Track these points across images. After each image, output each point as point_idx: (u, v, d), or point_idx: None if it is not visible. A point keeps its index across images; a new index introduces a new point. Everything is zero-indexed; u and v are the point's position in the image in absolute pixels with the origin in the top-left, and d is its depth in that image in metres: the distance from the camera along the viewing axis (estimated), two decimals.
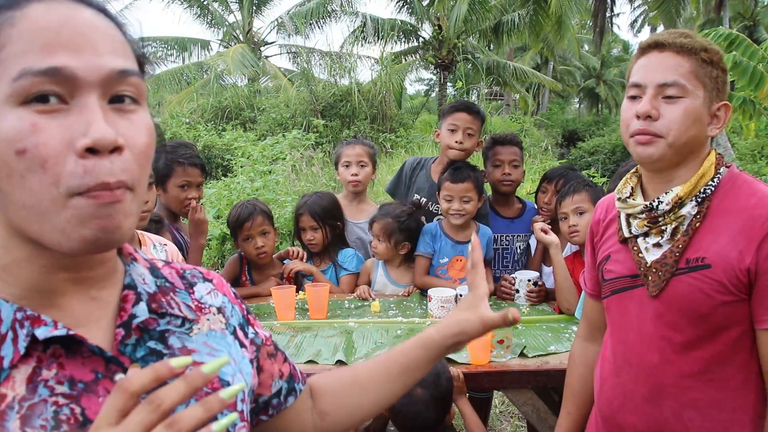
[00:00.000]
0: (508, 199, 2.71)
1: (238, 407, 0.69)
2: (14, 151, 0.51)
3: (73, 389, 0.56)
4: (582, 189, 2.21)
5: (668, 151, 1.13)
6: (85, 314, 0.61)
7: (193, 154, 2.32)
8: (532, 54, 24.36)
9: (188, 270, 0.76)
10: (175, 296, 0.69)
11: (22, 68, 0.51)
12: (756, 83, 4.91)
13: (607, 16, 16.68)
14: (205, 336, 0.70)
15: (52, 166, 0.51)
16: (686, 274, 1.13)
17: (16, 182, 0.52)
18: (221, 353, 0.70)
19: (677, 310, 1.15)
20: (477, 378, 1.73)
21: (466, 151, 2.61)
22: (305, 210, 2.57)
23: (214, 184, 6.85)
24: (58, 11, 0.54)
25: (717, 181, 1.15)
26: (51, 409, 0.54)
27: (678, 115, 1.11)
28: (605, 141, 15.37)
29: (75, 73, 0.53)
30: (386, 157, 9.65)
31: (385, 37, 14.72)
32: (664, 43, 1.14)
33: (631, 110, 1.17)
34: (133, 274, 0.66)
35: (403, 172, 2.86)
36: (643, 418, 1.21)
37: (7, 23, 0.52)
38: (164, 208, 2.35)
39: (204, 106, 12.59)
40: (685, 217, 1.15)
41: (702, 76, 1.13)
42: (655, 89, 1.13)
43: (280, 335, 2.03)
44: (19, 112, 0.51)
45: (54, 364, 0.56)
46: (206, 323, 0.71)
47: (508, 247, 2.66)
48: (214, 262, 4.99)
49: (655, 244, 1.19)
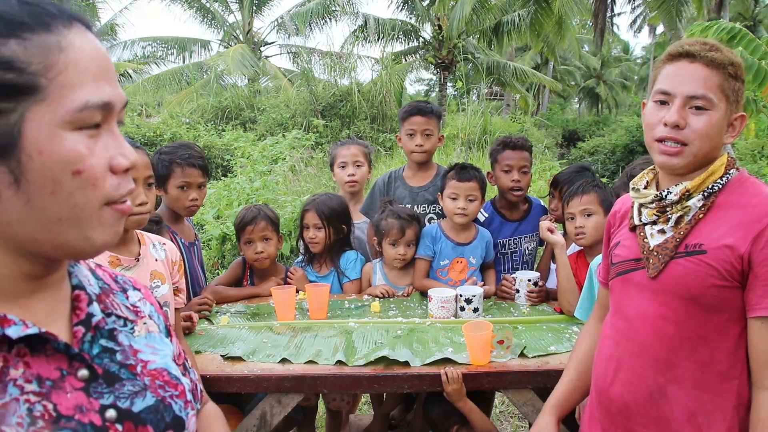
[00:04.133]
0: (512, 201, 2.68)
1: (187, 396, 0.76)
2: (71, 172, 0.57)
3: (41, 387, 0.59)
4: (591, 190, 2.18)
5: (691, 160, 1.21)
6: (45, 314, 0.63)
7: (192, 154, 2.30)
8: (532, 54, 24.36)
9: (119, 276, 0.80)
10: (115, 298, 0.74)
11: (86, 101, 0.57)
12: (760, 81, 4.88)
13: (607, 16, 16.68)
14: (145, 338, 0.74)
15: (100, 183, 0.59)
16: (683, 258, 1.22)
17: (60, 198, 0.57)
18: (164, 353, 0.75)
19: (672, 290, 1.23)
20: (477, 378, 1.73)
21: (428, 152, 2.73)
22: (312, 207, 2.56)
23: (213, 185, 6.85)
24: (91, 42, 0.60)
25: (725, 180, 1.23)
26: (24, 407, 0.57)
27: (703, 126, 1.19)
28: (605, 141, 15.37)
29: (114, 105, 0.61)
30: (386, 158, 9.65)
31: (386, 37, 14.72)
32: (695, 54, 1.19)
33: (657, 115, 1.23)
34: (79, 276, 0.70)
35: (376, 190, 2.86)
36: (630, 389, 1.28)
37: (56, 48, 0.57)
38: (167, 209, 2.35)
39: (204, 106, 12.60)
40: (690, 208, 1.23)
41: (726, 89, 1.19)
42: (683, 100, 1.19)
43: (280, 335, 2.03)
44: (76, 136, 0.57)
45: (20, 363, 0.58)
46: (143, 326, 0.75)
47: (516, 250, 2.65)
48: (214, 262, 4.98)
49: (660, 230, 1.27)
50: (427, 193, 2.75)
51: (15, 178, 0.55)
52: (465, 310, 2.19)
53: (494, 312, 2.27)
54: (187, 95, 14.12)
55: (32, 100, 0.55)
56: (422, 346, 1.89)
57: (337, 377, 1.73)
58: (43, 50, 0.56)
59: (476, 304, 2.18)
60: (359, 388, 1.86)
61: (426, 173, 2.79)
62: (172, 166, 2.25)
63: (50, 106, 0.56)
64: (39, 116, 0.55)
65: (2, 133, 0.54)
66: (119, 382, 0.66)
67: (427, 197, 2.74)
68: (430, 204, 2.74)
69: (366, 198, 2.90)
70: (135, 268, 1.68)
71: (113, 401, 0.64)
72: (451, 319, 2.17)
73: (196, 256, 2.45)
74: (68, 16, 0.59)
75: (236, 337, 2.01)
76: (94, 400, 0.63)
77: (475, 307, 2.18)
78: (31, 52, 0.55)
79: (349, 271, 2.61)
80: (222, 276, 2.65)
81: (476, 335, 1.74)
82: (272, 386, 1.74)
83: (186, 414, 0.73)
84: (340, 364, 1.77)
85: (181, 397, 0.73)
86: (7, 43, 0.54)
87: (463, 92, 13.21)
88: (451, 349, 1.84)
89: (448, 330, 2.05)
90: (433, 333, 2.02)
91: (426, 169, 2.80)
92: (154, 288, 1.72)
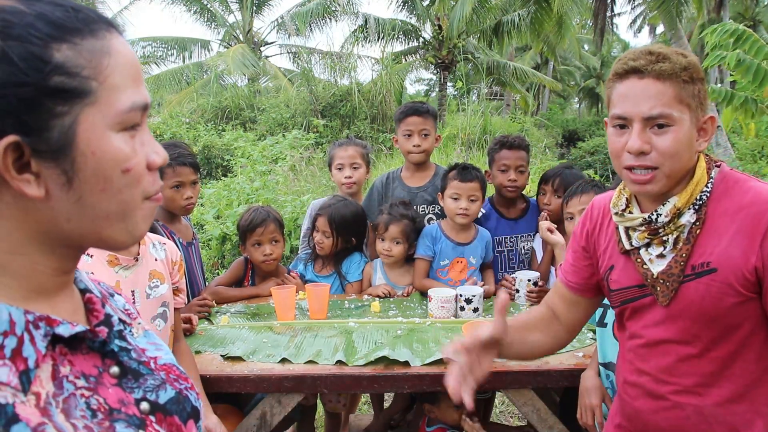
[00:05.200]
0: (510, 199, 2.69)
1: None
2: (121, 170, 0.60)
3: (88, 383, 0.61)
4: (590, 189, 2.19)
5: (666, 182, 1.14)
6: (69, 314, 0.65)
7: (182, 153, 2.29)
8: (532, 54, 24.36)
9: (102, 282, 0.82)
10: (111, 302, 0.75)
11: (132, 102, 0.61)
12: (759, 81, 4.89)
13: (607, 16, 16.66)
14: (144, 337, 0.77)
15: (142, 179, 0.63)
16: (694, 281, 1.14)
17: (110, 195, 0.60)
18: (166, 348, 0.78)
19: (689, 316, 1.16)
20: None
21: (426, 152, 2.74)
22: (324, 213, 2.55)
23: (213, 185, 6.85)
24: (127, 46, 0.63)
25: (711, 186, 1.16)
26: (82, 401, 0.59)
27: (670, 145, 1.10)
28: (605, 141, 15.34)
29: (149, 105, 0.64)
30: (386, 158, 9.65)
31: (386, 37, 14.71)
32: (642, 70, 1.10)
33: (619, 141, 1.15)
34: (84, 280, 0.72)
35: (374, 192, 2.86)
36: (666, 417, 1.23)
37: (103, 52, 0.59)
38: (162, 209, 2.34)
39: (204, 106, 12.60)
40: (684, 225, 1.16)
41: (686, 97, 1.10)
42: (642, 123, 1.11)
43: (280, 335, 2.03)
44: (123, 136, 0.61)
45: (65, 362, 0.61)
46: (139, 326, 0.78)
47: (513, 248, 2.66)
48: (214, 262, 4.98)
49: (659, 255, 1.19)
50: (425, 194, 2.75)
51: (68, 179, 0.58)
52: (465, 310, 2.19)
53: (494, 312, 2.27)
54: (187, 95, 14.12)
55: (85, 103, 0.57)
56: (422, 346, 1.89)
57: (337, 377, 1.73)
58: (93, 55, 0.58)
59: (476, 304, 2.18)
60: (359, 388, 1.86)
61: (424, 173, 2.79)
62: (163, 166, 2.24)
63: (101, 109, 0.58)
64: (91, 118, 0.58)
65: (58, 135, 0.56)
66: (142, 377, 0.69)
67: (425, 197, 2.74)
68: (429, 204, 2.74)
69: (364, 199, 2.91)
70: (134, 268, 1.68)
71: (143, 395, 0.67)
72: (451, 319, 2.17)
73: (194, 256, 2.45)
74: (107, 23, 0.62)
75: (236, 337, 2.01)
76: (129, 395, 0.65)
77: (475, 307, 2.18)
78: (83, 56, 0.57)
79: (351, 273, 2.61)
80: (223, 276, 2.65)
81: None
82: (272, 386, 1.74)
83: (200, 405, 0.76)
84: (340, 364, 1.77)
85: (192, 389, 0.76)
86: (60, 48, 0.56)
87: (463, 92, 13.20)
88: None
89: (448, 330, 2.05)
90: (433, 333, 2.02)
91: (424, 169, 2.80)
92: (153, 288, 1.71)
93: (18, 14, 0.55)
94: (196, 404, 0.75)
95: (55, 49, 0.56)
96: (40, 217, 0.59)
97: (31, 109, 0.55)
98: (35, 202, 0.57)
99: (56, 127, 0.56)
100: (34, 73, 0.54)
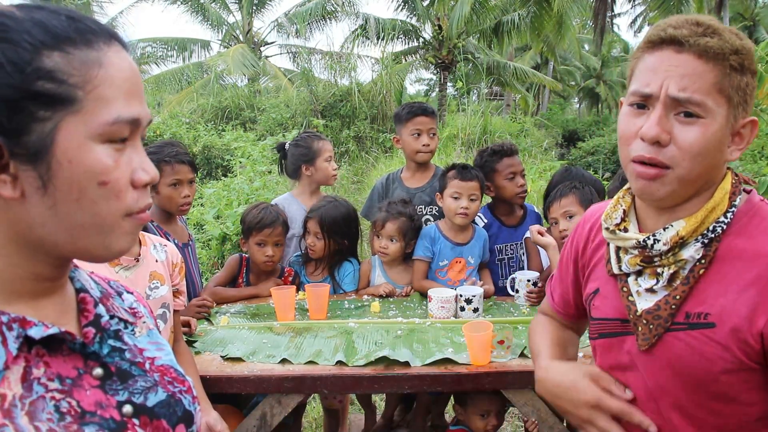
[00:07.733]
0: (511, 207, 2.68)
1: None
2: (97, 183, 0.60)
3: (63, 385, 0.61)
4: (569, 192, 2.21)
5: (677, 187, 0.89)
6: (56, 315, 0.65)
7: (179, 151, 2.29)
8: (532, 54, 24.35)
9: (112, 281, 0.83)
10: (114, 301, 0.76)
11: (117, 115, 0.60)
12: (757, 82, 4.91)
13: (607, 16, 16.65)
14: (147, 336, 0.77)
15: (123, 195, 0.62)
16: (683, 332, 0.92)
17: (84, 206, 0.60)
18: (167, 349, 0.78)
19: (671, 370, 0.94)
20: (477, 378, 1.73)
21: (433, 152, 2.77)
22: (315, 215, 2.53)
23: (213, 184, 6.85)
24: (125, 60, 0.63)
25: (730, 217, 0.91)
26: (51, 404, 0.59)
27: (694, 141, 0.86)
28: (605, 141, 15.36)
29: (142, 121, 0.64)
30: (386, 158, 9.64)
31: (386, 37, 14.70)
32: (683, 41, 0.86)
33: (633, 124, 0.91)
34: (81, 280, 0.72)
35: (375, 193, 2.87)
36: None
37: (95, 63, 0.60)
38: (158, 210, 2.33)
39: (204, 106, 12.59)
40: (686, 261, 0.93)
41: (728, 88, 0.86)
42: (665, 105, 0.87)
43: (280, 336, 2.03)
44: (104, 149, 0.60)
45: (41, 363, 0.61)
46: (143, 325, 0.78)
47: (513, 256, 2.66)
48: (214, 262, 4.98)
49: (649, 288, 0.96)
50: (424, 195, 2.75)
51: (43, 183, 0.58)
52: (465, 310, 2.19)
53: (494, 312, 2.27)
54: (187, 95, 14.11)
55: (68, 110, 0.58)
56: (422, 346, 1.89)
57: (337, 377, 1.73)
58: (84, 64, 0.59)
59: (476, 304, 2.18)
60: (359, 388, 1.86)
61: (424, 174, 2.80)
62: (161, 165, 2.23)
63: (84, 118, 0.59)
64: (72, 126, 0.58)
65: (37, 139, 0.57)
66: (131, 378, 0.69)
67: (424, 198, 2.75)
68: (426, 205, 2.74)
69: (366, 201, 2.91)
70: (134, 269, 1.68)
71: (128, 397, 0.67)
72: (451, 319, 2.17)
73: (190, 258, 2.45)
74: (108, 35, 0.62)
75: (236, 338, 2.00)
76: (111, 397, 0.65)
77: (475, 307, 2.18)
78: (72, 65, 0.58)
79: (346, 283, 2.59)
80: (219, 275, 2.64)
81: (476, 335, 1.74)
82: (272, 387, 1.74)
83: (194, 409, 0.75)
84: (340, 365, 1.77)
85: (188, 392, 0.75)
86: (51, 55, 0.57)
87: (463, 92, 13.19)
88: (451, 349, 1.84)
89: (449, 330, 2.05)
90: (434, 333, 2.02)
91: (425, 170, 2.80)
92: (153, 289, 1.71)
93: (16, 20, 0.57)
94: (190, 408, 0.74)
95: (46, 55, 0.57)
96: (14, 219, 0.59)
97: (13, 112, 0.56)
98: (10, 203, 0.58)
99: (36, 131, 0.57)
100: (18, 76, 0.55)
